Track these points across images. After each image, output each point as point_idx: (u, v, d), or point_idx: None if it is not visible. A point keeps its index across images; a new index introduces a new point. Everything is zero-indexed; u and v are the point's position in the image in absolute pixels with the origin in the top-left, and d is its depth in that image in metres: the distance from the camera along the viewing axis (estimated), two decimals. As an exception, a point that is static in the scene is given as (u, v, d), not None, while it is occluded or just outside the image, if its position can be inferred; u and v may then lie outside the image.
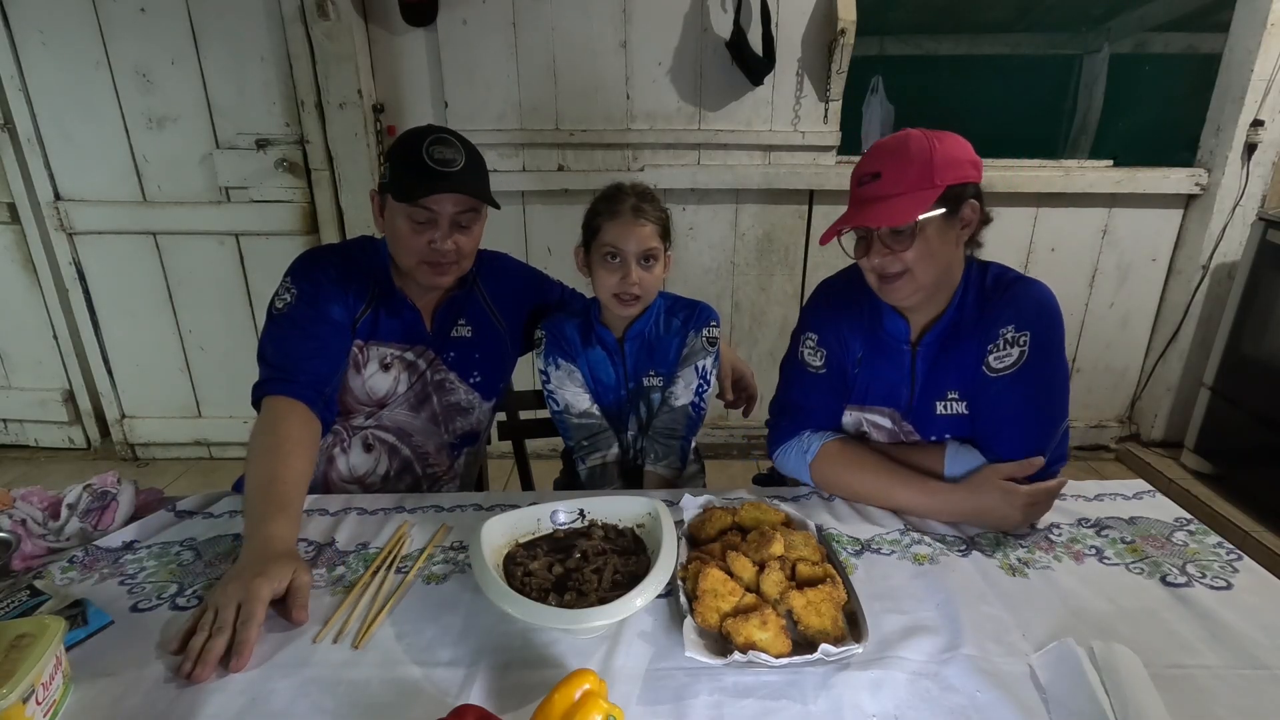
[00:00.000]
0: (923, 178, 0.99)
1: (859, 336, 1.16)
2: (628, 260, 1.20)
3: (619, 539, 0.93)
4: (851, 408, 1.18)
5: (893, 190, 1.00)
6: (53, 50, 2.33)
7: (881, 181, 1.01)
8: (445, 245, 1.14)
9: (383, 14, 2.33)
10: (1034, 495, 0.99)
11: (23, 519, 0.98)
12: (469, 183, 1.13)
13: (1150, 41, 3.25)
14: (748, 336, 2.74)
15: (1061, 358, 1.06)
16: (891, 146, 1.02)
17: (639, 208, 1.20)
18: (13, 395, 2.79)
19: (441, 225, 1.14)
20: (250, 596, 0.79)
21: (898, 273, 1.04)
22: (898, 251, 1.02)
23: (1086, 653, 0.73)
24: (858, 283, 1.16)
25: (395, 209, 1.14)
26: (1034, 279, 1.10)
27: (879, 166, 1.01)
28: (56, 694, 0.69)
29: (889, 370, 1.14)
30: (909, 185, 0.99)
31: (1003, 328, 1.05)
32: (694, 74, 2.41)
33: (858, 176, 1.05)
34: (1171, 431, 2.76)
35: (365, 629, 0.80)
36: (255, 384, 1.12)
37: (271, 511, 0.93)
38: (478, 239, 1.22)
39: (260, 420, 1.07)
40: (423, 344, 1.26)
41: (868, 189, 1.02)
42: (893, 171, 1.00)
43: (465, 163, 1.13)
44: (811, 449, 1.13)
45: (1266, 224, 2.30)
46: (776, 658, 0.73)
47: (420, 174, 1.10)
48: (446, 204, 1.13)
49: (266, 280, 2.57)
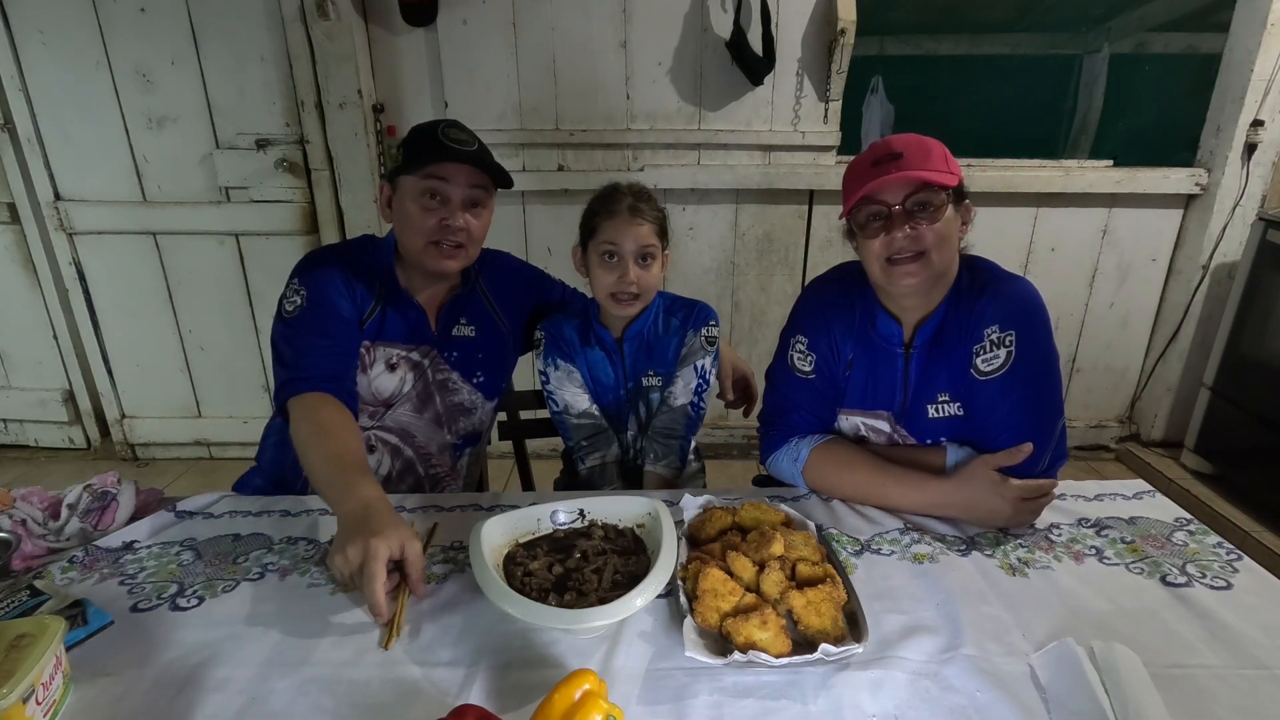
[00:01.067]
0: (941, 164, 1.00)
1: (850, 339, 1.14)
2: (625, 259, 1.20)
3: (619, 539, 0.93)
4: (847, 412, 1.17)
5: (918, 166, 0.99)
6: (53, 50, 2.33)
7: (904, 159, 1.00)
8: (456, 222, 1.16)
9: (383, 14, 2.33)
10: (1024, 490, 0.98)
11: (23, 519, 0.98)
12: (484, 159, 1.17)
13: (1150, 41, 3.25)
14: (748, 336, 2.74)
15: (1050, 353, 1.05)
16: (908, 138, 1.03)
17: (635, 207, 1.20)
18: (13, 395, 2.79)
19: (453, 202, 1.16)
20: (370, 555, 0.80)
21: (915, 254, 1.02)
22: (924, 225, 1.00)
23: (1086, 653, 0.73)
24: (850, 283, 1.15)
25: (407, 190, 1.16)
26: (1015, 275, 1.09)
27: (898, 148, 1.01)
28: (56, 694, 0.69)
29: (882, 374, 1.13)
30: (932, 164, 1.00)
31: (987, 328, 1.04)
32: (694, 74, 2.41)
33: (873, 158, 1.03)
34: (1171, 431, 2.76)
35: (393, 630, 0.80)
36: (277, 387, 1.13)
37: (355, 478, 0.94)
38: (486, 226, 1.23)
39: (295, 418, 1.08)
40: (427, 344, 1.26)
41: (889, 165, 1.00)
42: (914, 155, 1.00)
43: (479, 146, 1.17)
44: (801, 456, 1.13)
45: (1266, 224, 2.30)
46: (776, 658, 0.73)
47: (436, 148, 1.13)
48: (461, 178, 1.15)
49: (266, 280, 2.57)
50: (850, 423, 1.17)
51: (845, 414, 1.17)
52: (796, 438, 1.15)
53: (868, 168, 1.02)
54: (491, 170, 1.17)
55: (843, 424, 1.18)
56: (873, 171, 1.01)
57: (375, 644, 0.79)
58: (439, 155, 1.13)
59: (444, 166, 1.14)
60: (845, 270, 1.20)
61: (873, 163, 1.02)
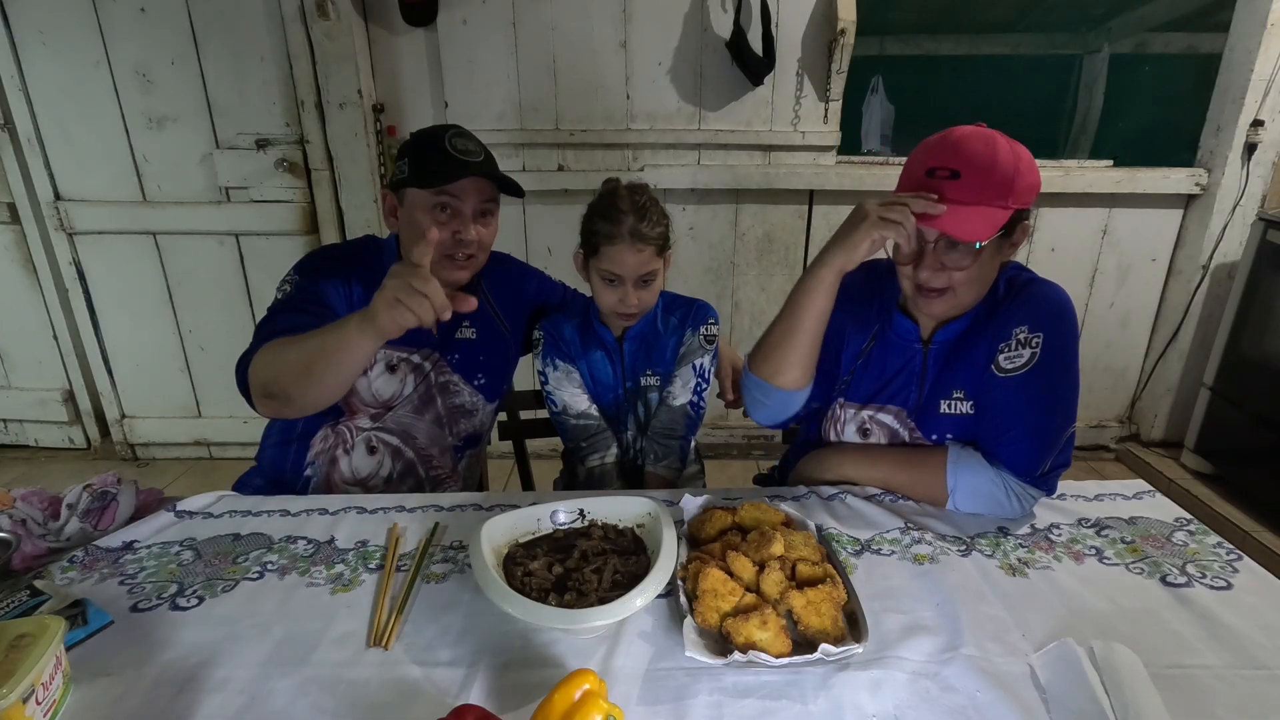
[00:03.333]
0: (1000, 194, 0.92)
1: (866, 332, 1.14)
2: (626, 284, 1.20)
3: (619, 539, 0.93)
4: (858, 406, 1.16)
5: (970, 198, 0.92)
6: (53, 50, 2.33)
7: (959, 184, 0.92)
8: (469, 235, 1.16)
9: (383, 14, 2.33)
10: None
11: (23, 519, 0.98)
12: (493, 171, 1.16)
13: (1150, 41, 3.25)
14: (748, 336, 2.74)
15: (1074, 363, 1.04)
16: (977, 148, 0.94)
17: (637, 231, 1.16)
18: (13, 395, 2.79)
19: (465, 214, 1.15)
20: (402, 273, 0.89)
21: (939, 289, 1.00)
22: (950, 269, 0.97)
23: (1086, 653, 0.73)
24: (876, 276, 1.14)
25: (415, 202, 1.15)
26: (1050, 280, 1.08)
27: (959, 165, 0.93)
28: (56, 694, 0.69)
29: (899, 369, 1.13)
30: (986, 197, 0.92)
31: (1016, 327, 1.03)
32: (694, 74, 2.41)
33: (928, 167, 0.95)
34: (1171, 431, 2.76)
35: (391, 628, 0.80)
36: (241, 355, 1.10)
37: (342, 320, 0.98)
38: (494, 234, 1.23)
39: (258, 356, 1.06)
40: (428, 346, 1.26)
41: (943, 186, 0.93)
42: (973, 177, 0.92)
43: (485, 155, 1.17)
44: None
45: (1266, 224, 2.30)
46: (776, 658, 0.73)
47: (446, 162, 1.12)
48: (472, 192, 1.15)
49: (266, 280, 2.57)
50: (859, 418, 1.17)
51: (854, 408, 1.17)
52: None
53: (920, 177, 0.96)
54: (501, 182, 1.17)
55: (851, 418, 1.17)
56: (926, 186, 0.95)
57: (375, 644, 0.78)
58: (450, 172, 1.12)
59: (457, 185, 1.13)
60: (874, 262, 1.16)
61: (926, 173, 0.96)
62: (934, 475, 1.06)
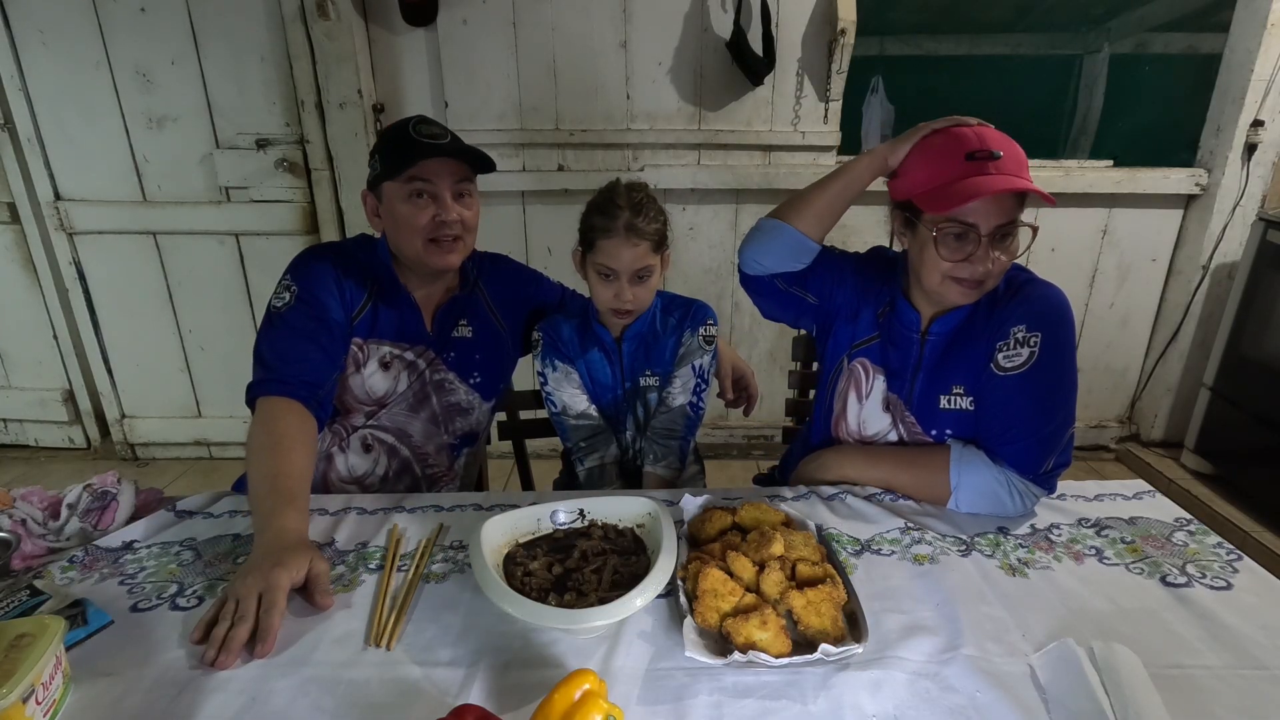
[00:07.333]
0: (1026, 171, 0.98)
1: (869, 311, 1.18)
2: (621, 278, 1.20)
3: (619, 539, 0.93)
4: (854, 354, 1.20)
5: (1015, 172, 0.95)
6: (53, 50, 2.33)
7: (1004, 161, 0.95)
8: (450, 215, 1.15)
9: (383, 14, 2.33)
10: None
11: (23, 519, 0.98)
12: (462, 151, 1.16)
13: (1150, 41, 3.25)
14: (748, 336, 2.73)
15: (1072, 362, 1.05)
16: (995, 133, 0.99)
17: (632, 225, 1.16)
18: (13, 395, 2.79)
19: (442, 195, 1.15)
20: (270, 586, 0.80)
21: (978, 280, 1.01)
22: (1002, 250, 0.99)
23: (1086, 653, 0.73)
24: (888, 266, 1.19)
25: (392, 194, 1.15)
26: (1048, 281, 1.10)
27: (999, 147, 0.96)
28: (56, 694, 0.69)
29: (896, 356, 1.15)
30: (1024, 173, 0.97)
31: (1015, 326, 1.05)
32: (694, 74, 2.41)
33: (967, 149, 0.96)
34: (1171, 432, 2.76)
35: (392, 628, 0.80)
36: (250, 384, 1.12)
37: (280, 505, 0.94)
38: (477, 214, 1.22)
39: (256, 420, 1.07)
40: (423, 344, 1.26)
41: (988, 167, 0.94)
42: (1012, 158, 0.96)
43: (452, 138, 1.16)
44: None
45: (1266, 224, 2.30)
46: (776, 658, 0.73)
47: (411, 148, 1.12)
48: (444, 173, 1.15)
49: (266, 280, 2.57)
50: (855, 418, 1.19)
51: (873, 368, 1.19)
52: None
53: (960, 162, 0.96)
54: (470, 159, 1.17)
55: (850, 416, 1.20)
56: (967, 169, 0.95)
57: (375, 644, 0.78)
58: (417, 154, 1.12)
59: (425, 166, 1.13)
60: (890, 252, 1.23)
61: (966, 156, 0.96)
62: (937, 474, 1.07)
